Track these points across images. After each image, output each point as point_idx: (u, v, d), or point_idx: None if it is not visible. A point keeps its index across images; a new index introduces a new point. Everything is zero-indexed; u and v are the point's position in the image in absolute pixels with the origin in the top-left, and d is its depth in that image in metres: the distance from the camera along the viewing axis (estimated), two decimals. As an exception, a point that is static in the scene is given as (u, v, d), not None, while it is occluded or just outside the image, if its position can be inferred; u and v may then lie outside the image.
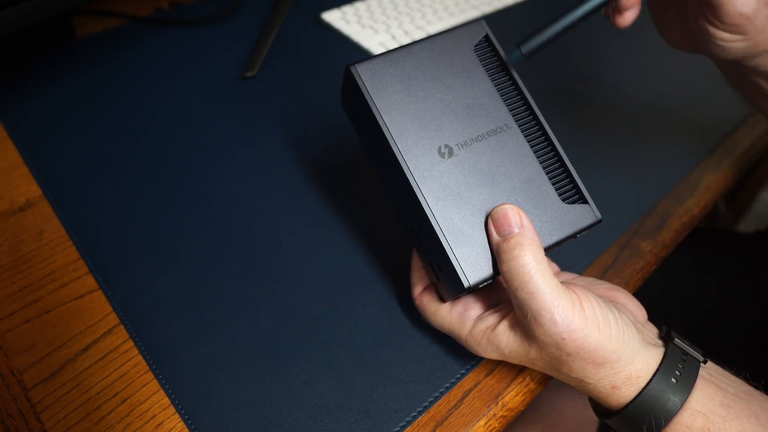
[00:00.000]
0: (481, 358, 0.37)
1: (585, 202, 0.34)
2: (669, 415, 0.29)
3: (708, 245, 0.67)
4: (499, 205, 0.31)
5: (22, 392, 0.35)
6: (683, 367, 0.30)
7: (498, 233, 0.31)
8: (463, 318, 0.34)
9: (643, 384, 0.30)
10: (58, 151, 0.51)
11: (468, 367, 0.37)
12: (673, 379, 0.30)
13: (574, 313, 0.29)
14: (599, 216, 0.34)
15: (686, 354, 0.31)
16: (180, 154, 0.51)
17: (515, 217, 0.31)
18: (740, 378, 0.32)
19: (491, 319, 0.33)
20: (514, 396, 0.36)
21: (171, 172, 0.50)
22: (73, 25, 0.64)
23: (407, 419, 0.35)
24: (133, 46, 0.64)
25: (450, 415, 0.35)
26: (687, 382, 0.30)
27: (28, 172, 0.49)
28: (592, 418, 0.59)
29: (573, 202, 0.34)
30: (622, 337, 0.30)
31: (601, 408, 0.33)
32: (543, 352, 0.31)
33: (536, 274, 0.29)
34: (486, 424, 0.35)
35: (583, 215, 0.33)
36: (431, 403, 0.35)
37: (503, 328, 0.32)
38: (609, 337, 0.29)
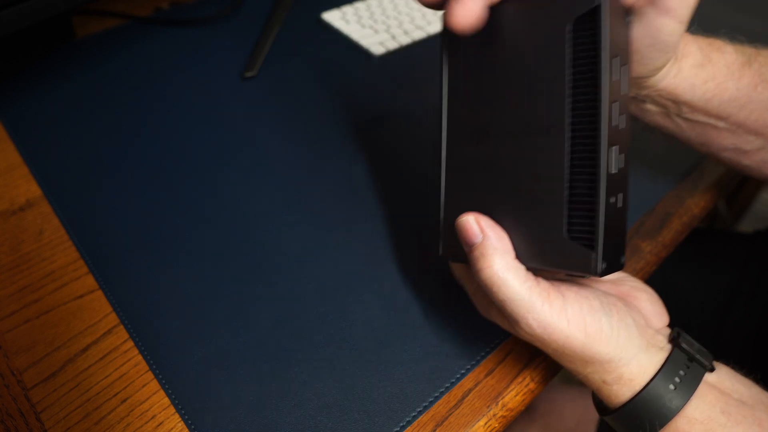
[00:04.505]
0: (481, 358, 0.37)
1: (591, 248, 0.27)
2: (664, 421, 0.29)
3: (708, 245, 0.67)
4: (462, 216, 0.32)
5: (22, 392, 0.35)
6: (685, 374, 0.30)
7: (464, 243, 0.31)
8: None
9: (638, 387, 0.30)
10: (58, 150, 0.51)
11: (468, 367, 0.37)
12: (671, 386, 0.29)
13: (552, 316, 0.29)
14: (598, 271, 0.27)
15: (691, 360, 0.31)
16: (180, 154, 0.51)
17: (474, 227, 0.31)
18: (750, 379, 0.32)
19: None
20: (514, 396, 0.36)
21: (171, 172, 0.50)
22: (73, 25, 0.64)
23: (407, 419, 0.35)
24: (133, 46, 0.64)
25: (450, 415, 0.35)
26: (687, 389, 0.29)
27: (28, 172, 0.49)
28: (592, 419, 0.59)
29: (576, 241, 0.28)
30: (615, 341, 0.30)
31: (601, 404, 0.34)
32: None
33: (502, 286, 0.29)
34: (486, 424, 0.35)
35: (579, 259, 0.28)
36: (431, 403, 0.35)
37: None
38: (598, 340, 0.29)
